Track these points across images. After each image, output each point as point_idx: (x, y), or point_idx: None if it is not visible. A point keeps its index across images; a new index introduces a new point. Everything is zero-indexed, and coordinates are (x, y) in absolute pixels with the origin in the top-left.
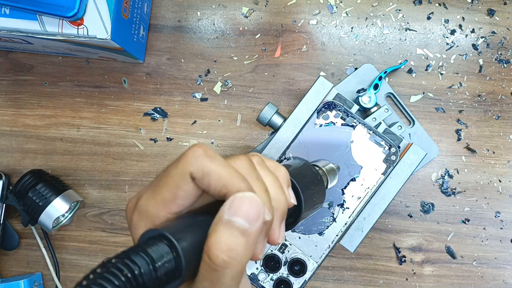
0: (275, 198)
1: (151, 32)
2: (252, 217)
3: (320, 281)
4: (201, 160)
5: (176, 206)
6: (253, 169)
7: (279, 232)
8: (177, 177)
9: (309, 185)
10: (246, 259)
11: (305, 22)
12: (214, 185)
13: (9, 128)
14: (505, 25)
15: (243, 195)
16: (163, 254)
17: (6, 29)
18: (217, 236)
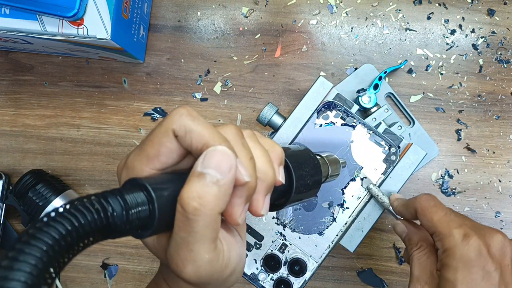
0: (261, 169)
1: (151, 32)
2: (223, 168)
3: (320, 281)
4: (184, 119)
5: (159, 163)
6: (240, 137)
7: (262, 203)
8: (160, 134)
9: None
10: (217, 208)
11: (305, 22)
12: (195, 143)
13: (9, 128)
14: (505, 25)
15: (216, 148)
16: (138, 201)
17: (6, 29)
18: (189, 185)
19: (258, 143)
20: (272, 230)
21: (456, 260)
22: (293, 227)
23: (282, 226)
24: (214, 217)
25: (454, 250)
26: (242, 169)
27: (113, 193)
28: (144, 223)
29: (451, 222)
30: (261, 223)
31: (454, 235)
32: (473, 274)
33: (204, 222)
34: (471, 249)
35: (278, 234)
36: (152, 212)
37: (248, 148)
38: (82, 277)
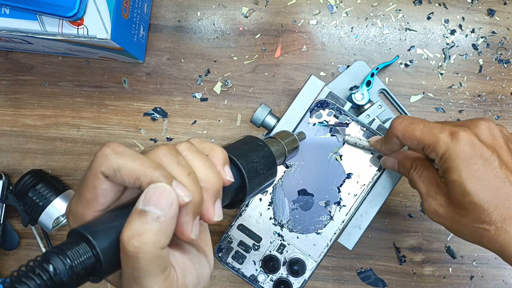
0: (204, 178)
1: (151, 32)
2: (164, 205)
3: (320, 281)
4: (110, 158)
5: (99, 205)
6: (173, 156)
7: (213, 211)
8: (91, 178)
9: (251, 156)
10: (159, 243)
11: (305, 22)
12: (127, 180)
13: (9, 128)
14: (505, 25)
15: (155, 186)
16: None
17: (6, 29)
18: (130, 224)
19: (196, 153)
20: (270, 231)
21: (454, 160)
22: (290, 227)
23: (279, 226)
24: (156, 253)
25: (449, 152)
26: (181, 191)
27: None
28: (92, 270)
29: (433, 130)
30: (259, 224)
31: (442, 138)
32: (473, 165)
33: (146, 259)
34: (462, 143)
35: (276, 234)
36: (98, 258)
37: (185, 164)
38: None
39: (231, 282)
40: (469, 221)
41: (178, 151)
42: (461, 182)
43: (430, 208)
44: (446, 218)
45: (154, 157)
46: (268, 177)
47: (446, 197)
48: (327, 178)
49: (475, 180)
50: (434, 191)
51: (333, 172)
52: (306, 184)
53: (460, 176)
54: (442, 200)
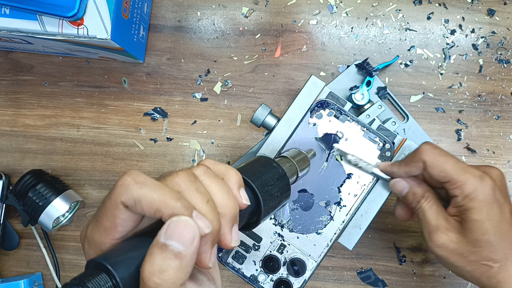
0: (222, 204)
1: (151, 32)
2: (187, 240)
3: (320, 281)
4: (131, 188)
5: (118, 233)
6: (192, 182)
7: (230, 237)
8: (111, 207)
9: (266, 178)
10: (180, 280)
11: (305, 22)
12: (147, 211)
13: (9, 128)
14: (505, 25)
15: (178, 219)
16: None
17: (6, 29)
18: (151, 259)
19: (213, 177)
20: (270, 231)
21: (479, 201)
22: (291, 227)
23: (280, 226)
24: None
25: (475, 193)
26: (202, 223)
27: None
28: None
29: (466, 169)
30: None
31: (472, 179)
32: (494, 209)
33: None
34: (488, 188)
35: (276, 234)
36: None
37: (204, 191)
38: None
39: (231, 282)
40: (477, 258)
41: (196, 176)
42: (483, 222)
43: (439, 241)
44: (453, 254)
45: (173, 184)
46: (282, 199)
47: (458, 233)
48: (327, 178)
49: (492, 222)
50: (445, 226)
51: (333, 172)
52: (306, 184)
53: (483, 217)
54: (454, 236)
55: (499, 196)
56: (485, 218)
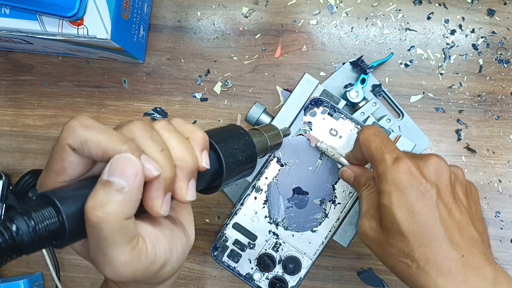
0: (179, 158)
1: (151, 32)
2: (128, 175)
3: (320, 281)
4: (77, 131)
5: (68, 176)
6: (147, 131)
7: (186, 190)
8: (59, 150)
9: (232, 144)
10: (123, 214)
11: (305, 22)
12: (95, 152)
13: (9, 128)
14: (505, 25)
15: (120, 156)
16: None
17: (6, 29)
18: (94, 194)
19: (173, 132)
20: (265, 229)
21: (388, 184)
22: (285, 225)
23: (274, 224)
24: (120, 223)
25: (385, 174)
26: (150, 165)
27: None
28: (56, 235)
29: (385, 148)
30: (254, 223)
31: (386, 159)
32: (407, 195)
33: (109, 229)
34: (401, 171)
35: (271, 233)
36: (62, 224)
37: (159, 140)
38: (82, 277)
39: (231, 282)
40: (394, 252)
41: (153, 127)
42: (391, 208)
43: (361, 228)
44: (373, 243)
45: (127, 131)
46: (247, 166)
47: (378, 221)
48: (321, 176)
49: (406, 211)
50: (371, 214)
51: (327, 170)
52: (301, 182)
53: (391, 202)
54: (374, 224)
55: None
56: (395, 204)
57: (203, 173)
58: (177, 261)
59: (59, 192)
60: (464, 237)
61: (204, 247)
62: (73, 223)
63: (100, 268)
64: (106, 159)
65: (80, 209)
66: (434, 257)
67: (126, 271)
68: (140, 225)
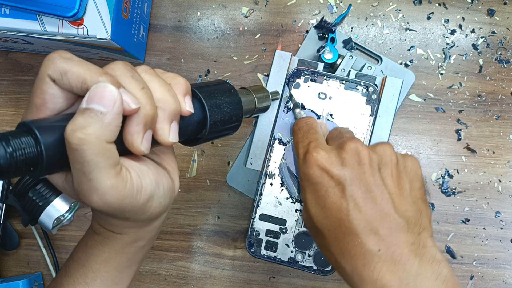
0: (161, 99)
1: (151, 32)
2: (107, 102)
3: (320, 281)
4: (56, 62)
5: (49, 110)
6: (129, 71)
7: (168, 131)
8: (39, 83)
9: (217, 96)
10: (103, 136)
11: (305, 22)
12: (74, 83)
13: (9, 128)
14: (505, 25)
15: (98, 84)
16: (23, 142)
17: (6, 29)
18: (74, 119)
19: (155, 76)
20: (291, 210)
21: (302, 180)
22: None
23: (298, 202)
24: (102, 145)
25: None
26: (128, 98)
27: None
28: (34, 163)
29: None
30: (278, 208)
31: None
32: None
33: (92, 150)
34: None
35: (298, 211)
36: (40, 152)
37: (140, 80)
38: None
39: (231, 282)
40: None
41: (135, 69)
42: (306, 204)
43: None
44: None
45: (108, 69)
46: (232, 119)
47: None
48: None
49: (318, 207)
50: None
51: None
52: None
53: (306, 198)
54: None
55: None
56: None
57: (187, 120)
58: (164, 197)
59: (38, 122)
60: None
61: (204, 247)
62: (51, 152)
63: (87, 197)
64: (85, 90)
65: (58, 139)
66: (348, 252)
67: (112, 196)
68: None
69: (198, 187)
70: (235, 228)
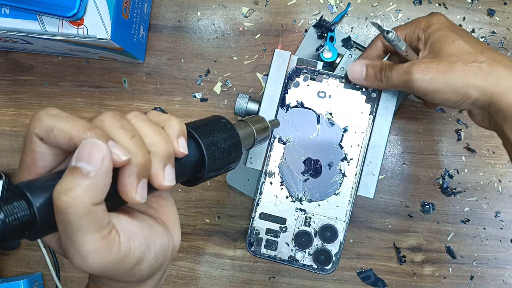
0: (153, 143)
1: (151, 32)
2: (95, 160)
3: (320, 281)
4: (43, 120)
5: (39, 168)
6: (117, 120)
7: (162, 175)
8: (27, 142)
9: (214, 133)
10: (90, 199)
11: (305, 22)
12: (61, 140)
13: (9, 128)
14: (505, 25)
15: (86, 141)
16: (15, 207)
17: (6, 29)
18: (61, 181)
19: (146, 121)
20: (291, 209)
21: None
22: (308, 198)
23: (298, 201)
24: (86, 208)
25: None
26: (117, 150)
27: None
28: (28, 226)
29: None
30: (278, 206)
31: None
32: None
33: (75, 214)
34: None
35: (298, 210)
36: (33, 215)
37: (129, 128)
38: (82, 277)
39: (231, 282)
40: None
41: (123, 117)
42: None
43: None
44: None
45: (96, 121)
46: (231, 155)
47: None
48: (325, 139)
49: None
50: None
51: (328, 132)
52: (308, 153)
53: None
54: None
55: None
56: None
57: (184, 162)
58: (155, 259)
59: (30, 183)
60: None
61: (204, 247)
62: (44, 214)
63: (70, 258)
64: (73, 146)
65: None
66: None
67: (94, 261)
68: (115, 217)
69: (198, 187)
70: (235, 228)
